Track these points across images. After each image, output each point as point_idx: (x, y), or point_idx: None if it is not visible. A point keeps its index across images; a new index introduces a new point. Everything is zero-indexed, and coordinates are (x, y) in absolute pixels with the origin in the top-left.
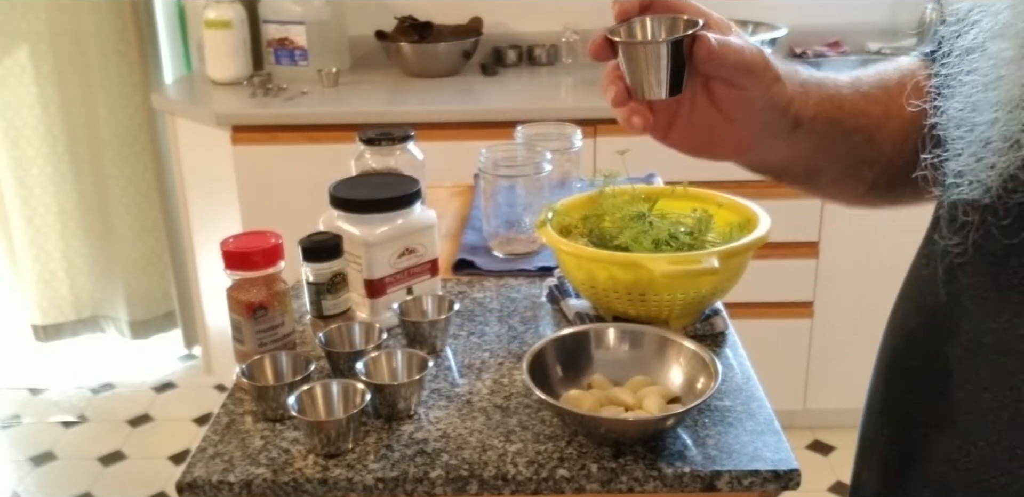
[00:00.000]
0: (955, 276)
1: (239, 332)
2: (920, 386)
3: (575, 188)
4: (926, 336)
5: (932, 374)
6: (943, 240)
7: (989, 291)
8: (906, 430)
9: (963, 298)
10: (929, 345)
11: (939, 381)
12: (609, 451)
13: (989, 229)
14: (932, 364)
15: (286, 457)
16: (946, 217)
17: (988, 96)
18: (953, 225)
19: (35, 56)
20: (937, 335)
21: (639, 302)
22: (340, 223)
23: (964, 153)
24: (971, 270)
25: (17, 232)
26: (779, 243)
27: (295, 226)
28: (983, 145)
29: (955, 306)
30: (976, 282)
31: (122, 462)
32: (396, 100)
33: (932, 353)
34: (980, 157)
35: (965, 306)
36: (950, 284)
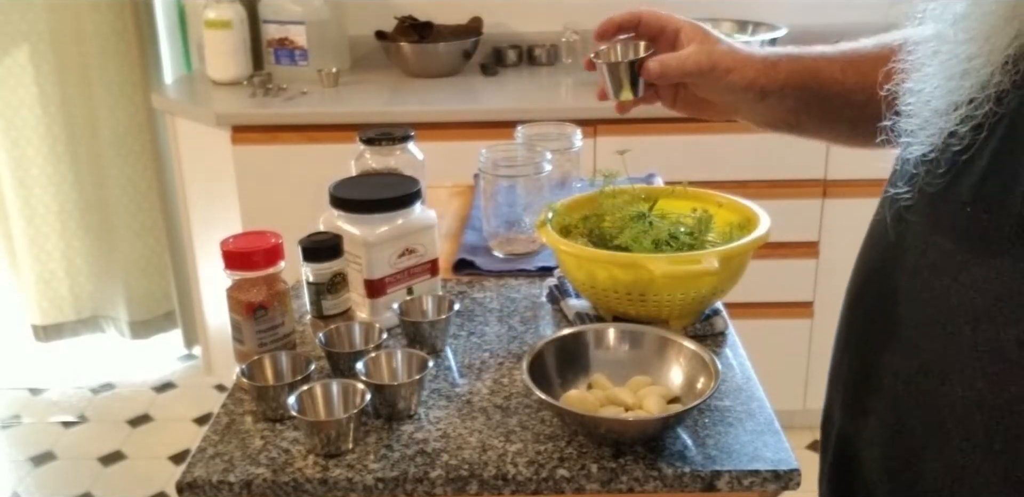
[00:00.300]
0: (902, 218)
1: (239, 332)
2: (875, 312)
3: (575, 188)
4: (880, 269)
5: (884, 300)
6: (894, 189)
7: (927, 228)
8: (865, 353)
9: (908, 235)
10: (882, 277)
11: (889, 306)
12: (609, 451)
13: (931, 179)
14: (884, 292)
15: (286, 457)
16: (899, 171)
17: (933, 69)
18: (904, 177)
19: (35, 56)
20: (888, 267)
21: (639, 302)
22: (340, 223)
23: (915, 117)
24: (915, 213)
25: (17, 232)
26: (779, 243)
27: (295, 226)
28: (931, 111)
29: (901, 242)
30: (918, 222)
31: (122, 462)
32: (396, 100)
33: (884, 283)
34: (927, 120)
35: (909, 242)
36: (898, 225)
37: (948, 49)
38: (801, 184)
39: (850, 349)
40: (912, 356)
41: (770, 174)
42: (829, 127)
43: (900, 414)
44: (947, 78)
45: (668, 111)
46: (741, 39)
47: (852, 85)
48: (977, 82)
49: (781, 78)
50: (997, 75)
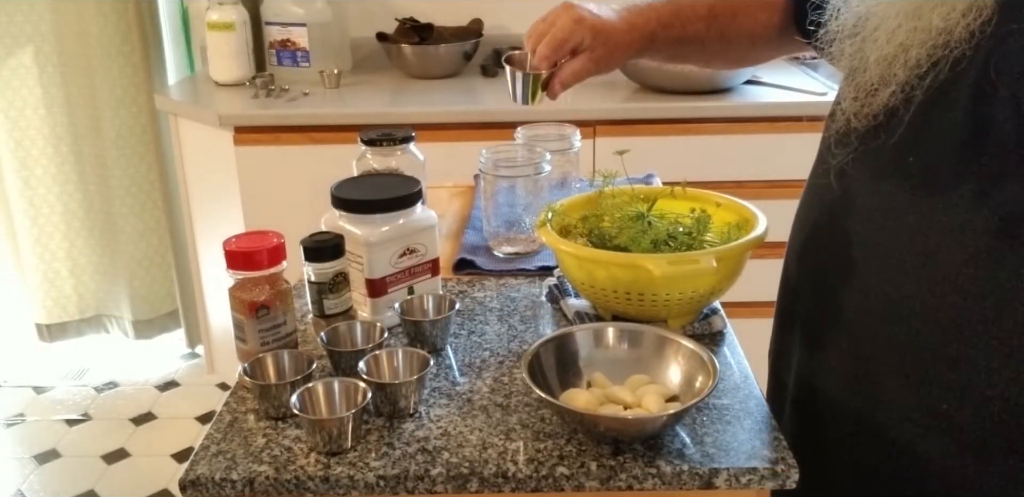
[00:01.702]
0: (845, 173)
1: (241, 331)
2: (826, 258)
3: (575, 188)
4: (828, 220)
5: (836, 245)
6: (834, 158)
7: (872, 178)
8: (819, 295)
9: (853, 187)
10: (831, 226)
11: (842, 249)
12: (608, 449)
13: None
14: (835, 239)
15: (288, 455)
16: (835, 140)
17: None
18: (840, 144)
19: (40, 58)
20: (836, 217)
21: (638, 302)
22: (342, 223)
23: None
24: (857, 168)
25: (22, 232)
26: (777, 243)
27: (297, 226)
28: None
29: (847, 194)
30: (861, 175)
31: (126, 460)
32: (397, 101)
33: (834, 231)
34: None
35: (856, 192)
36: (842, 180)
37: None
38: (799, 184)
39: (803, 294)
40: (868, 290)
41: (768, 174)
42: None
43: (859, 341)
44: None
45: (667, 112)
46: None
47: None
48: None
49: (658, 47)
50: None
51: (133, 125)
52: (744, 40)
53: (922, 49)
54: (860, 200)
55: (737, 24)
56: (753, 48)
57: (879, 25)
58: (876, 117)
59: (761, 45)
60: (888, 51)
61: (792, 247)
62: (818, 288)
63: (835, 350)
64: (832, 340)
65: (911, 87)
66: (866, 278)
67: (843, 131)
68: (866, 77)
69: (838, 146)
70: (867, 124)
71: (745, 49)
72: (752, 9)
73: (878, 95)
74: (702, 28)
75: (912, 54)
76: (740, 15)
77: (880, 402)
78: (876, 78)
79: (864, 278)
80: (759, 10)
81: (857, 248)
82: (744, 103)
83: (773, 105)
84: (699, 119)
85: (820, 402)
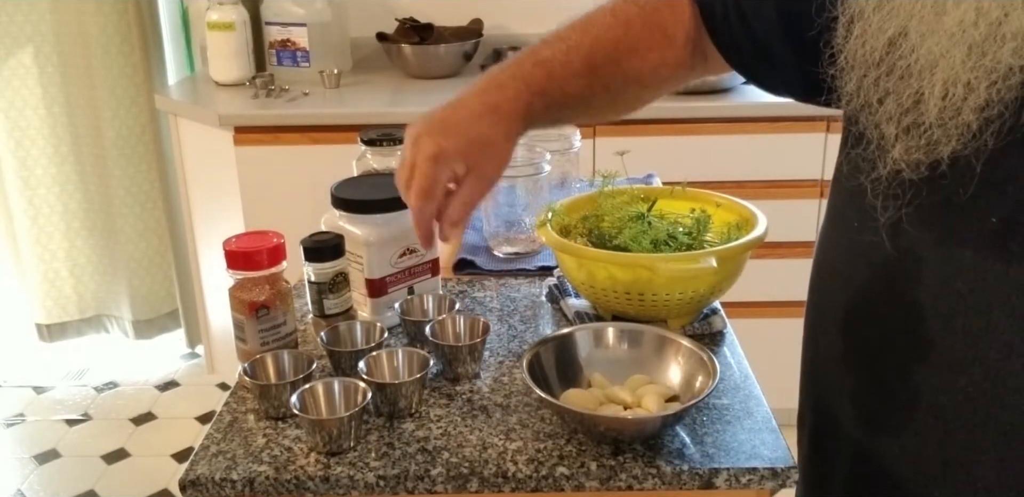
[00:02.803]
0: (899, 232)
1: (241, 331)
2: (892, 330)
3: (575, 188)
4: (886, 287)
5: (904, 316)
6: (884, 212)
7: (944, 240)
8: (884, 371)
9: (916, 247)
10: (892, 292)
11: (914, 322)
12: (608, 449)
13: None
14: (901, 307)
15: (288, 455)
16: (883, 192)
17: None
18: (889, 196)
19: (39, 58)
20: (896, 282)
21: (638, 301)
22: (341, 223)
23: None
24: (914, 225)
25: (22, 232)
26: (776, 242)
27: (297, 226)
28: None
29: (907, 255)
30: (922, 233)
31: (126, 460)
32: (397, 101)
33: (897, 299)
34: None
35: (920, 254)
36: (897, 240)
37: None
38: (798, 184)
39: (854, 369)
40: (961, 371)
41: (768, 174)
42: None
43: (949, 424)
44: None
45: (667, 112)
46: None
47: (600, 94)
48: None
49: (541, 121)
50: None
51: (133, 125)
52: (633, 86)
53: (992, 89)
54: (928, 265)
55: (622, 71)
56: (646, 91)
57: (933, 61)
58: (936, 167)
59: (656, 86)
60: (952, 91)
61: (826, 310)
62: (878, 362)
63: (909, 433)
64: (904, 422)
65: (981, 133)
66: (953, 357)
67: (888, 180)
68: (921, 119)
69: (885, 199)
70: (922, 174)
71: (636, 95)
72: (639, 49)
73: (941, 143)
74: (583, 85)
75: (981, 95)
76: (624, 59)
77: (968, 490)
78: (936, 122)
79: (949, 357)
80: (648, 49)
81: (932, 320)
82: (744, 103)
83: (773, 105)
84: (699, 119)
85: (888, 486)
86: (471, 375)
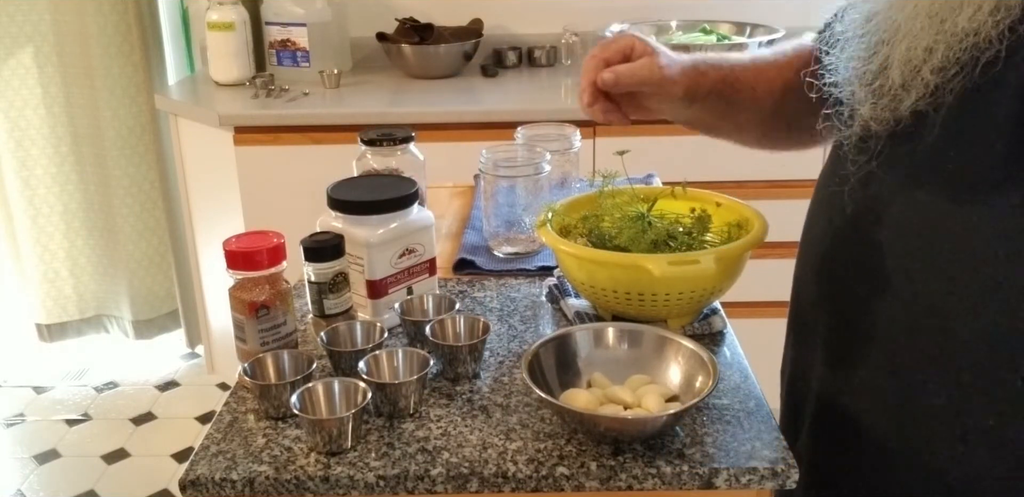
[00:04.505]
0: (870, 181)
1: (242, 331)
2: (854, 272)
3: (575, 188)
4: (853, 229)
5: (866, 259)
6: (854, 164)
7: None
8: (846, 310)
9: (882, 195)
10: (858, 233)
11: (875, 261)
12: (608, 449)
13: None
14: (864, 251)
15: (288, 455)
16: (853, 146)
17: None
18: (860, 151)
19: (39, 57)
20: (863, 224)
21: (638, 302)
22: (339, 224)
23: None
24: (882, 173)
25: (22, 232)
26: (776, 242)
27: (297, 226)
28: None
29: (874, 204)
30: (891, 182)
31: (126, 460)
32: (397, 101)
33: (863, 239)
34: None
35: (886, 200)
36: (867, 188)
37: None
38: (798, 184)
39: (824, 308)
40: (904, 301)
41: (768, 174)
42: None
43: (896, 356)
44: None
45: None
46: (738, 41)
47: (762, 93)
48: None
49: (706, 87)
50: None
51: (133, 125)
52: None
53: (949, 51)
54: (892, 207)
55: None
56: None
57: (898, 28)
58: (900, 121)
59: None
60: (913, 55)
61: (807, 259)
62: (843, 301)
63: (865, 366)
64: (861, 355)
65: (940, 90)
66: (901, 289)
67: (860, 137)
68: (887, 81)
69: (857, 152)
70: (890, 128)
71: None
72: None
73: (903, 100)
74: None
75: (939, 57)
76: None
77: (917, 418)
78: (899, 82)
79: (899, 289)
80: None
81: (890, 258)
82: None
83: None
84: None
85: (846, 421)
86: (471, 375)
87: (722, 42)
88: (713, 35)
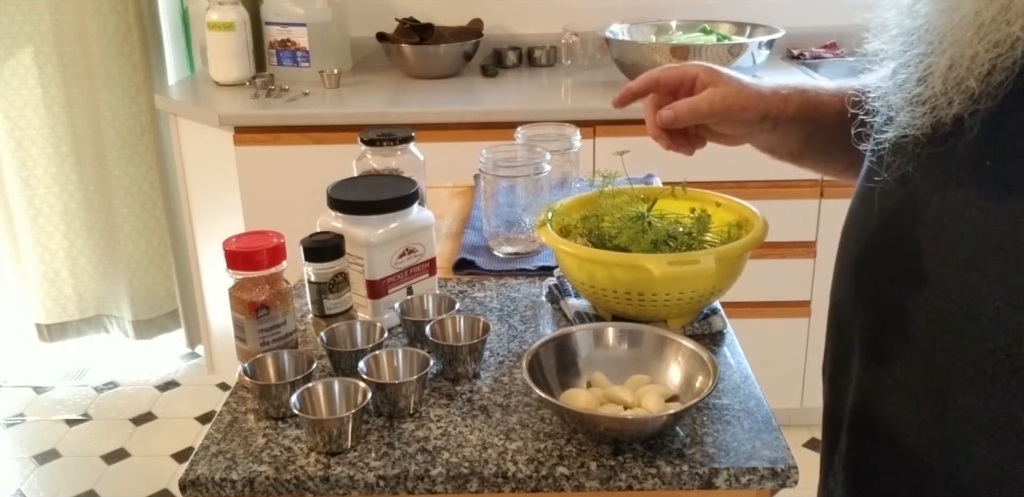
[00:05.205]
0: (907, 180)
1: (242, 331)
2: (892, 268)
3: (575, 188)
4: (893, 228)
5: (903, 256)
6: (889, 168)
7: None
8: (884, 307)
9: (918, 193)
10: (897, 232)
11: (911, 259)
12: (608, 449)
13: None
14: (901, 249)
15: (288, 455)
16: (889, 150)
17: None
18: (896, 153)
19: (39, 58)
20: (901, 223)
21: (638, 302)
22: (339, 224)
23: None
24: (919, 172)
25: (22, 232)
26: (776, 243)
27: (297, 226)
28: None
29: (910, 202)
30: (926, 180)
31: (126, 460)
32: (397, 101)
33: (901, 237)
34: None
35: (922, 198)
36: (905, 187)
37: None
38: (798, 184)
39: (862, 307)
40: (941, 298)
41: (768, 174)
42: (828, 158)
43: (932, 354)
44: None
45: None
46: (738, 41)
47: (852, 115)
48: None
49: (791, 110)
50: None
51: (133, 125)
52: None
53: (996, 60)
54: (929, 206)
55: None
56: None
57: (943, 37)
58: (940, 126)
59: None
60: (957, 64)
61: (845, 258)
62: (881, 299)
63: (901, 364)
64: (898, 353)
65: (982, 96)
66: (939, 286)
67: (896, 141)
68: (927, 90)
69: (894, 155)
70: (927, 133)
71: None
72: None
73: (944, 108)
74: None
75: (985, 65)
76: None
77: (952, 417)
78: (941, 90)
79: (937, 286)
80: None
81: (928, 256)
82: None
83: None
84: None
85: (883, 418)
86: (471, 375)
87: (722, 42)
88: (713, 35)
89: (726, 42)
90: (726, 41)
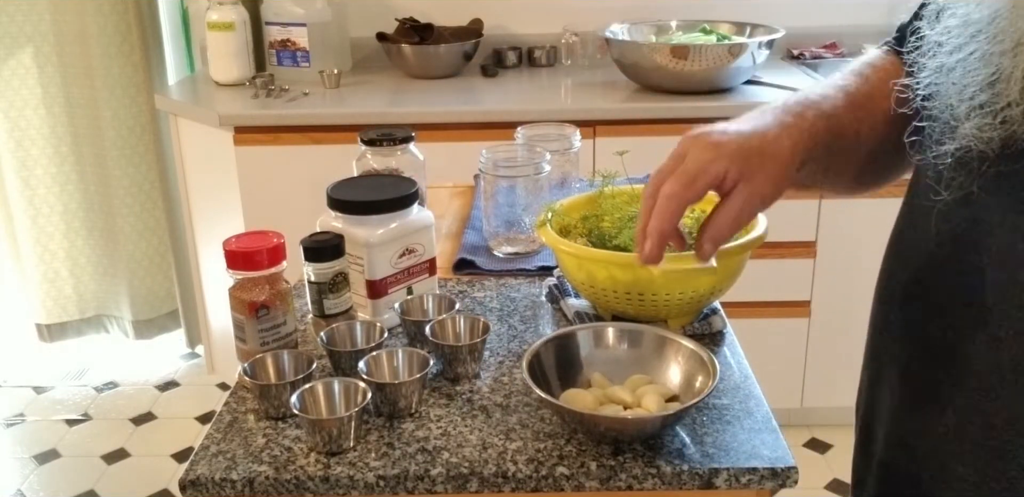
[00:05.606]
0: (970, 202)
1: (241, 331)
2: (950, 297)
3: (575, 188)
4: (951, 254)
5: (964, 283)
6: (950, 184)
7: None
8: (935, 340)
9: (985, 216)
10: (957, 259)
11: (973, 288)
12: (608, 449)
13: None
14: (962, 275)
15: (288, 455)
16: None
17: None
18: (959, 169)
19: (39, 58)
20: (963, 250)
21: (638, 301)
22: (339, 224)
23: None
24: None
25: (22, 232)
26: (776, 242)
27: (297, 226)
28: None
29: (975, 224)
30: (994, 201)
31: (126, 460)
32: (397, 101)
33: (961, 266)
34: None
35: (988, 222)
36: (967, 209)
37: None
38: None
39: (909, 341)
40: (1010, 339)
41: None
42: (836, 178)
43: (987, 401)
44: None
45: (667, 112)
46: (738, 41)
47: (866, 133)
48: None
49: (819, 144)
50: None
51: (133, 125)
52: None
53: None
54: (996, 233)
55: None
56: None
57: (1021, 32)
58: (1012, 141)
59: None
60: None
61: (893, 284)
62: (933, 335)
63: (944, 406)
64: (942, 394)
65: None
66: (1004, 326)
67: (960, 154)
68: (1000, 98)
69: (955, 170)
70: (996, 150)
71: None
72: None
73: (1019, 121)
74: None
75: None
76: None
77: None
78: (1016, 98)
79: (1002, 326)
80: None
81: (989, 288)
82: (744, 103)
83: None
84: (699, 119)
85: (921, 467)
86: (471, 375)
87: (722, 42)
88: (713, 35)
89: (726, 42)
90: (726, 41)
